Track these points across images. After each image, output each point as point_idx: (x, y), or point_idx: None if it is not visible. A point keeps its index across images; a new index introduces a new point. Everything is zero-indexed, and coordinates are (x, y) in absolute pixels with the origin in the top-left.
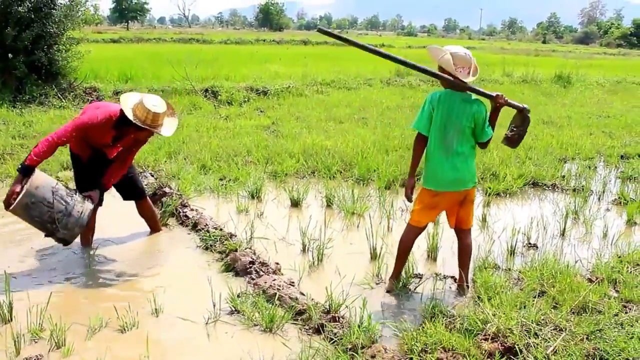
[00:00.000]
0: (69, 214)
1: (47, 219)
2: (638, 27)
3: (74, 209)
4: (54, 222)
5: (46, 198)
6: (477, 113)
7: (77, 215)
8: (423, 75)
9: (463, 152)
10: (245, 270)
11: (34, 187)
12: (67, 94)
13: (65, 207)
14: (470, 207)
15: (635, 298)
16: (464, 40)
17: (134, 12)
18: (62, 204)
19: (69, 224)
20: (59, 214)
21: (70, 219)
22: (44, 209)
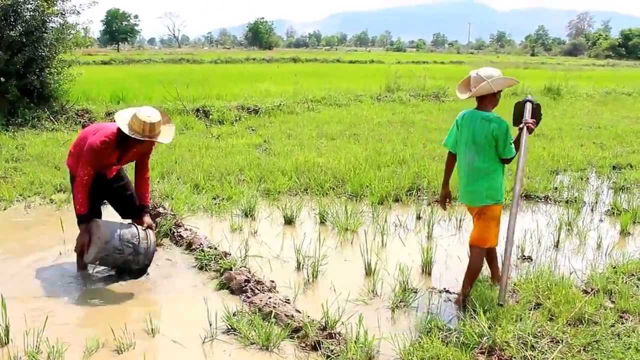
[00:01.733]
0: (138, 253)
1: (120, 262)
2: (626, 38)
3: (140, 246)
4: (127, 264)
5: (116, 247)
6: (496, 130)
7: (144, 252)
8: (413, 91)
9: (482, 168)
10: (240, 289)
11: (104, 242)
12: (60, 116)
13: (133, 249)
14: (482, 223)
15: (631, 308)
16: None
17: (124, 33)
18: (130, 247)
19: (139, 260)
20: (130, 256)
21: (140, 257)
22: (117, 257)
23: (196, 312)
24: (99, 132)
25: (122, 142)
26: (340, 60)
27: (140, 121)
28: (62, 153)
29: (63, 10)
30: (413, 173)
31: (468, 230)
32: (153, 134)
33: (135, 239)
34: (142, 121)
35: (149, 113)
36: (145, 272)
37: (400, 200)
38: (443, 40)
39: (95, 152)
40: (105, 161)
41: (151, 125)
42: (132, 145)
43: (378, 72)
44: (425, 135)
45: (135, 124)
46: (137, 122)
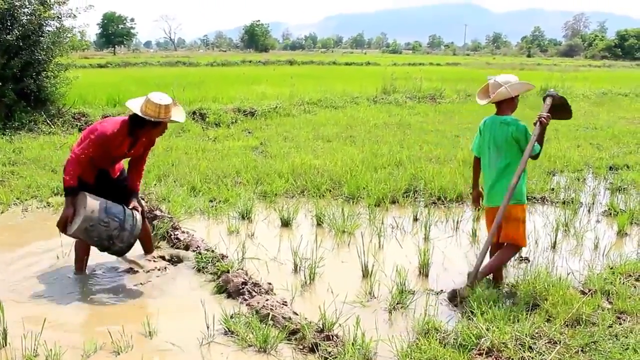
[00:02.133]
0: (123, 228)
1: (104, 237)
2: (622, 39)
3: (127, 223)
4: (111, 239)
5: (102, 219)
6: (515, 132)
7: (129, 228)
8: (410, 93)
9: (503, 168)
10: (237, 291)
11: (90, 211)
12: (56, 120)
13: (119, 223)
14: (509, 225)
15: (628, 309)
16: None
17: (121, 37)
18: (116, 221)
19: (124, 237)
20: (115, 231)
21: (125, 233)
22: (101, 229)
23: (194, 315)
24: (109, 122)
25: (134, 129)
26: (336, 63)
27: (155, 104)
28: (59, 156)
29: (59, 14)
30: (410, 175)
31: (465, 231)
32: (168, 115)
33: (121, 214)
34: (157, 104)
35: (160, 96)
36: (123, 254)
37: (397, 202)
38: (439, 42)
39: (105, 138)
40: (114, 151)
41: (166, 107)
42: (144, 132)
43: (374, 74)
44: (421, 137)
45: (149, 109)
46: (151, 106)
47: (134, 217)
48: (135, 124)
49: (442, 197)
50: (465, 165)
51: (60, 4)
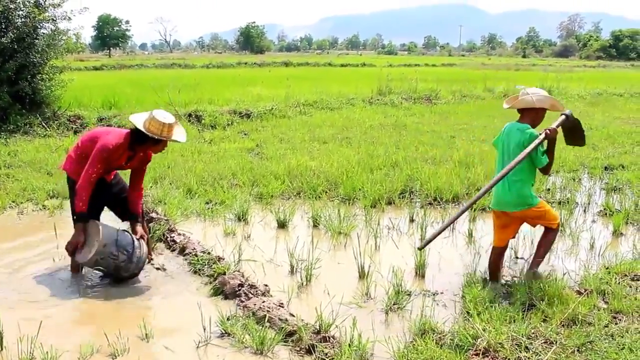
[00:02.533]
0: (130, 261)
1: (112, 268)
2: (616, 39)
3: (134, 255)
4: (118, 270)
5: (112, 252)
6: (527, 142)
7: (136, 261)
8: (405, 94)
9: (515, 177)
10: (234, 293)
11: (102, 245)
12: (52, 122)
13: (127, 256)
14: (537, 220)
15: (624, 309)
16: (444, 57)
17: (116, 39)
18: (124, 254)
19: (130, 268)
20: (122, 263)
21: (131, 265)
22: (110, 262)
23: (190, 317)
24: (111, 134)
25: (135, 144)
26: (331, 64)
27: (160, 122)
28: (55, 159)
29: (54, 17)
30: (405, 176)
31: (461, 232)
32: (170, 134)
33: (130, 247)
34: (162, 122)
35: (164, 115)
36: (129, 279)
37: (393, 203)
38: (434, 43)
39: (109, 152)
40: (113, 163)
41: (169, 126)
42: (143, 147)
43: (370, 75)
44: (417, 138)
45: (153, 126)
46: (155, 123)
47: (141, 249)
48: (137, 139)
49: (438, 198)
50: (461, 166)
51: (55, 6)
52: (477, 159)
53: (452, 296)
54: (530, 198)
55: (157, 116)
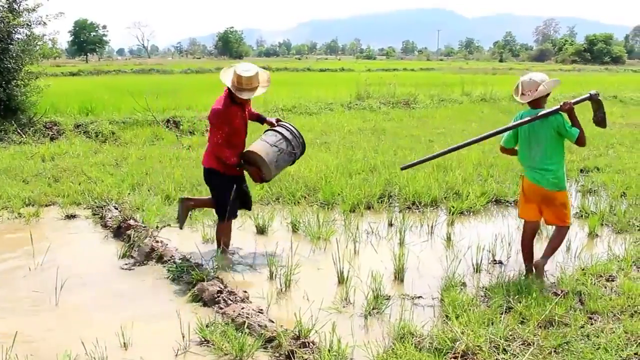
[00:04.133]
0: (288, 140)
1: (288, 157)
2: (591, 44)
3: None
4: (292, 155)
5: (275, 151)
6: (554, 123)
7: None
8: (384, 98)
9: (546, 161)
10: (213, 300)
11: (265, 154)
12: (27, 129)
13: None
14: (555, 209)
15: (600, 309)
16: (422, 62)
17: (93, 44)
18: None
19: (294, 144)
20: (288, 148)
21: (292, 141)
22: (281, 156)
23: (169, 324)
24: (217, 101)
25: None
26: (310, 69)
27: (235, 74)
28: (31, 166)
29: (29, 21)
30: (384, 180)
31: (440, 236)
32: (242, 87)
33: (278, 135)
34: (237, 74)
35: (246, 68)
36: (305, 146)
37: (372, 207)
38: (412, 47)
39: (221, 113)
40: (235, 122)
41: (244, 79)
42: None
43: (348, 80)
44: (396, 142)
45: (233, 77)
46: (234, 75)
47: (283, 126)
48: (231, 94)
49: (417, 202)
50: (439, 170)
51: (30, 11)
52: (455, 163)
53: (430, 300)
54: (564, 181)
55: (237, 68)
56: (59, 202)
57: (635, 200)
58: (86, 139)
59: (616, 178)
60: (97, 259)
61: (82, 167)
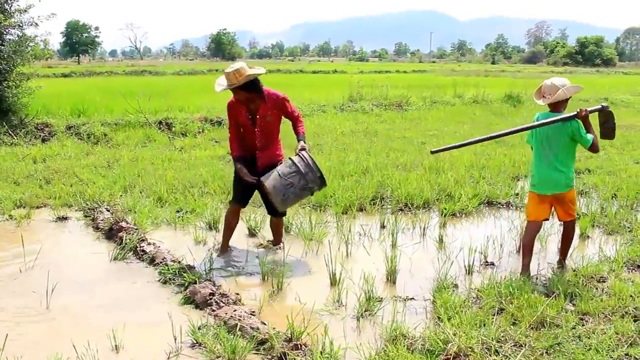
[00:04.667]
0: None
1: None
2: (582, 46)
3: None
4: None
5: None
6: (569, 128)
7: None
8: (376, 100)
9: (559, 163)
10: (205, 302)
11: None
12: (19, 130)
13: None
14: (565, 206)
15: (591, 310)
16: (415, 64)
17: (85, 45)
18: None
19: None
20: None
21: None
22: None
23: (160, 327)
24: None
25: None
26: (303, 71)
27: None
28: (22, 168)
29: (20, 22)
30: (377, 182)
31: (432, 237)
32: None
33: (293, 167)
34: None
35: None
36: (324, 181)
37: (364, 209)
38: (405, 49)
39: (228, 106)
40: (239, 118)
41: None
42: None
43: (341, 82)
44: (388, 144)
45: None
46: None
47: (303, 159)
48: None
49: (409, 204)
50: (431, 172)
51: (22, 12)
52: (447, 164)
53: (423, 301)
54: (572, 180)
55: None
56: (51, 204)
57: (626, 201)
58: (78, 141)
59: (607, 180)
60: (88, 261)
61: (73, 168)
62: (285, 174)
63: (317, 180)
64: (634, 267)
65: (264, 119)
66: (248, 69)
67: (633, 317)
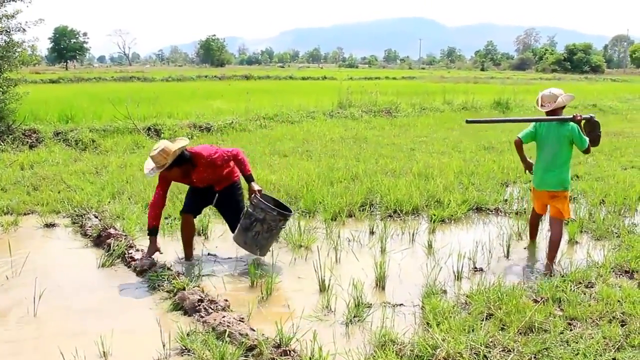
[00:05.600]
0: (263, 220)
1: (268, 236)
2: (571, 53)
3: (258, 215)
4: (271, 231)
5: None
6: (569, 132)
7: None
8: (366, 107)
9: (556, 163)
10: (194, 309)
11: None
12: (6, 136)
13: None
14: (557, 203)
15: (579, 315)
16: (404, 70)
17: (73, 51)
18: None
19: (269, 219)
20: (263, 226)
21: (267, 216)
22: (257, 238)
23: (149, 334)
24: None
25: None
26: (292, 77)
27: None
28: (9, 174)
29: (8, 28)
30: (366, 188)
31: (421, 243)
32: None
33: (251, 216)
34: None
35: (154, 148)
36: (287, 213)
37: (354, 215)
38: (395, 56)
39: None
40: (177, 180)
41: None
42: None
43: (330, 88)
44: (377, 150)
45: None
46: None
47: (258, 203)
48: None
49: (398, 210)
50: (420, 178)
51: (9, 17)
52: (436, 170)
53: (412, 307)
54: (567, 182)
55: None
56: (38, 210)
57: (614, 207)
58: (66, 147)
59: (595, 185)
60: (76, 268)
61: (61, 175)
62: (248, 227)
63: (278, 217)
64: (621, 273)
65: (202, 179)
66: (172, 146)
67: (620, 321)
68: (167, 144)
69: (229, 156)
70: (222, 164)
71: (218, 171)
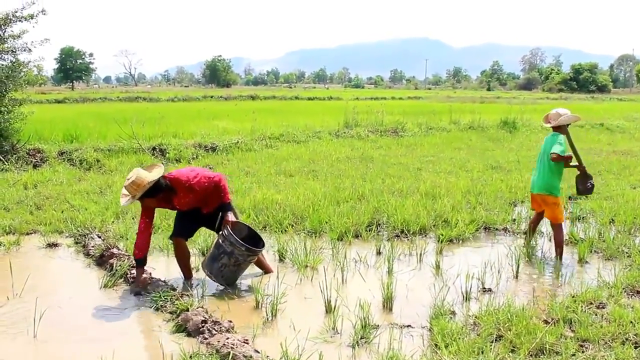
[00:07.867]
0: (232, 254)
1: (235, 268)
2: (577, 72)
3: (226, 248)
4: (238, 263)
5: (218, 268)
6: (555, 139)
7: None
8: (372, 126)
9: (546, 171)
10: (197, 330)
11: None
12: (10, 156)
13: (225, 254)
14: (549, 208)
15: (591, 337)
16: (410, 90)
17: (79, 72)
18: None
19: (236, 253)
20: (231, 259)
21: (235, 250)
22: (225, 270)
23: (151, 355)
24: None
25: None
26: (298, 97)
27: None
28: (12, 194)
29: (14, 48)
30: (372, 208)
31: (428, 264)
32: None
33: (220, 247)
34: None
35: (127, 177)
36: (257, 247)
37: (360, 235)
38: (401, 76)
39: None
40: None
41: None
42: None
43: (336, 108)
44: (384, 170)
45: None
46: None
47: (229, 237)
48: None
49: (405, 230)
50: (427, 198)
51: (15, 37)
52: (443, 190)
53: (420, 329)
54: (554, 189)
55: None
56: (41, 230)
57: (624, 226)
58: (70, 167)
59: (604, 205)
60: (78, 289)
61: (65, 194)
62: (216, 257)
63: (247, 253)
64: (633, 293)
65: (184, 203)
66: (146, 176)
67: (634, 343)
68: (140, 174)
69: (209, 182)
70: (199, 190)
71: (204, 191)
